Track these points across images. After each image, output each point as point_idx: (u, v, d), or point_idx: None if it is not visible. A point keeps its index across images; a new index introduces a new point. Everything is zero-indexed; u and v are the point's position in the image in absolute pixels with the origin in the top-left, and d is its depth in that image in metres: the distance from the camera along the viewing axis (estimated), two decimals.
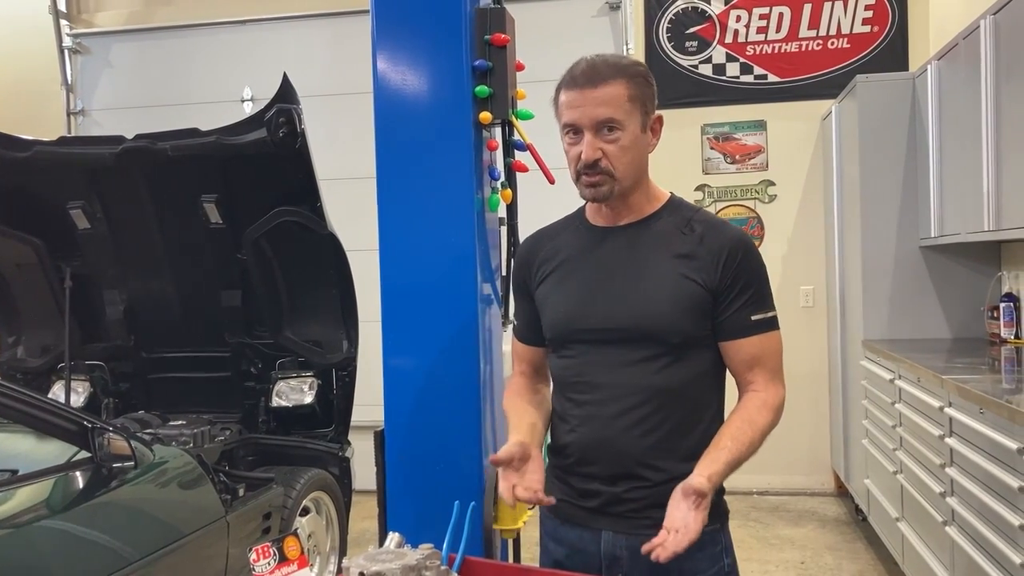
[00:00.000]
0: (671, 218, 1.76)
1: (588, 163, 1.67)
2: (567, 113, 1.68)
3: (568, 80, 1.69)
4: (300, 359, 3.89)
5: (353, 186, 4.49)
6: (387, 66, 2.36)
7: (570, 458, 1.74)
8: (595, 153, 1.66)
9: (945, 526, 3.08)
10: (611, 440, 1.69)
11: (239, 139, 3.54)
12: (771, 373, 1.73)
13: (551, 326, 1.78)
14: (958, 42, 3.72)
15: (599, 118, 1.65)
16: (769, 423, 1.69)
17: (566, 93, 1.69)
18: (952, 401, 3.03)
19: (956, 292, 4.36)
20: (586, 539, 1.74)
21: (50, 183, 3.77)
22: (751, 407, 1.70)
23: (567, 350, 1.76)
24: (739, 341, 1.71)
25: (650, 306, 1.68)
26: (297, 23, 5.96)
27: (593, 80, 1.65)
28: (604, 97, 1.64)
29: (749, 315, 1.70)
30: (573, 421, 1.74)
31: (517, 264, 1.92)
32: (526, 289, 1.86)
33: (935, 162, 4.09)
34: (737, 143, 5.65)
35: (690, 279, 1.68)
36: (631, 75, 1.68)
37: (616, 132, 1.66)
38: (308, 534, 3.61)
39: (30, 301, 4.10)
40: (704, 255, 1.70)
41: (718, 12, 5.63)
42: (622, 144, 1.67)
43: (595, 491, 1.70)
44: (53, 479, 2.52)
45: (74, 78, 6.26)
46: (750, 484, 5.55)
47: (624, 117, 1.66)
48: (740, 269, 1.70)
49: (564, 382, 1.78)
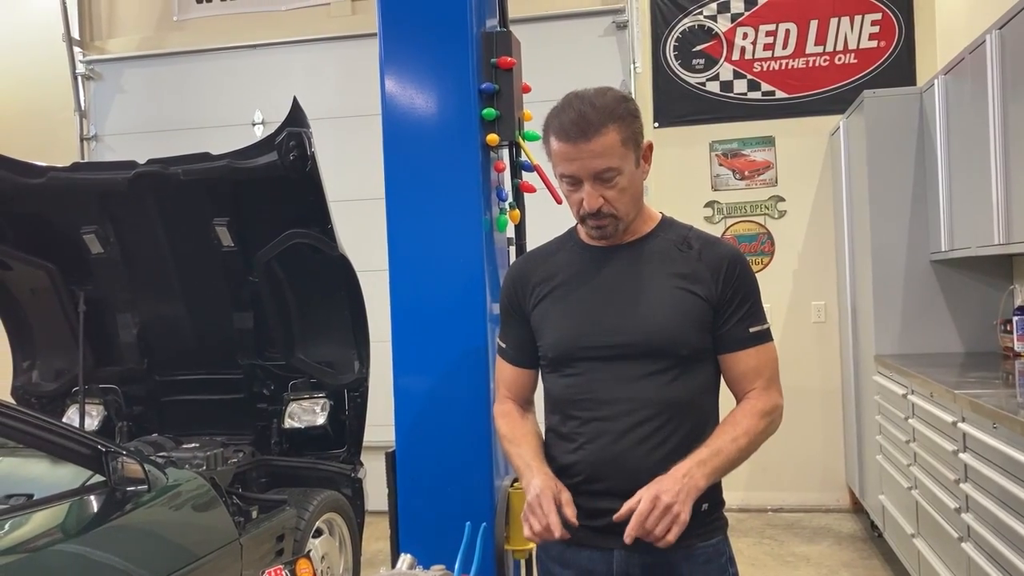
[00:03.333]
0: (667, 235, 1.80)
1: (591, 212, 1.70)
2: (563, 165, 1.70)
3: (559, 130, 1.68)
4: (312, 380, 3.90)
5: (363, 207, 4.51)
6: (395, 89, 2.39)
7: (577, 477, 1.73)
8: (597, 202, 1.69)
9: (961, 542, 3.06)
10: (622, 456, 1.70)
11: (250, 163, 3.56)
12: (768, 382, 1.78)
13: (554, 345, 1.79)
14: (964, 56, 3.72)
15: (596, 170, 1.67)
16: (761, 428, 1.73)
17: (558, 144, 1.69)
18: (965, 416, 3.01)
19: (968, 306, 4.34)
20: (596, 559, 1.74)
21: (64, 209, 3.81)
22: (739, 413, 1.75)
23: (571, 368, 1.76)
24: (738, 353, 1.76)
25: (658, 320, 1.71)
26: (306, 47, 6.01)
27: (586, 132, 1.64)
28: (599, 149, 1.65)
29: (747, 327, 1.75)
30: (579, 439, 1.74)
31: (507, 286, 1.91)
32: (520, 311, 1.86)
33: (944, 176, 4.08)
34: (746, 159, 5.66)
35: (692, 293, 1.73)
36: (620, 117, 1.67)
37: (615, 178, 1.68)
38: (321, 556, 3.61)
39: (44, 326, 4.12)
40: (704, 271, 1.74)
41: (725, 29, 5.65)
42: (621, 187, 1.70)
43: (606, 509, 1.69)
44: (68, 503, 2.53)
45: (87, 104, 6.33)
46: (764, 501, 5.52)
47: (620, 162, 1.68)
48: (739, 283, 1.75)
49: (567, 400, 1.77)
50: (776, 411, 1.77)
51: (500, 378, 1.94)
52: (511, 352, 1.91)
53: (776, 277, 5.58)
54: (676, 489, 1.56)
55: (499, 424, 1.89)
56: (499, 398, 1.94)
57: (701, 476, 1.61)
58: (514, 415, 1.88)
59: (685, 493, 1.57)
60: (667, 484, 1.58)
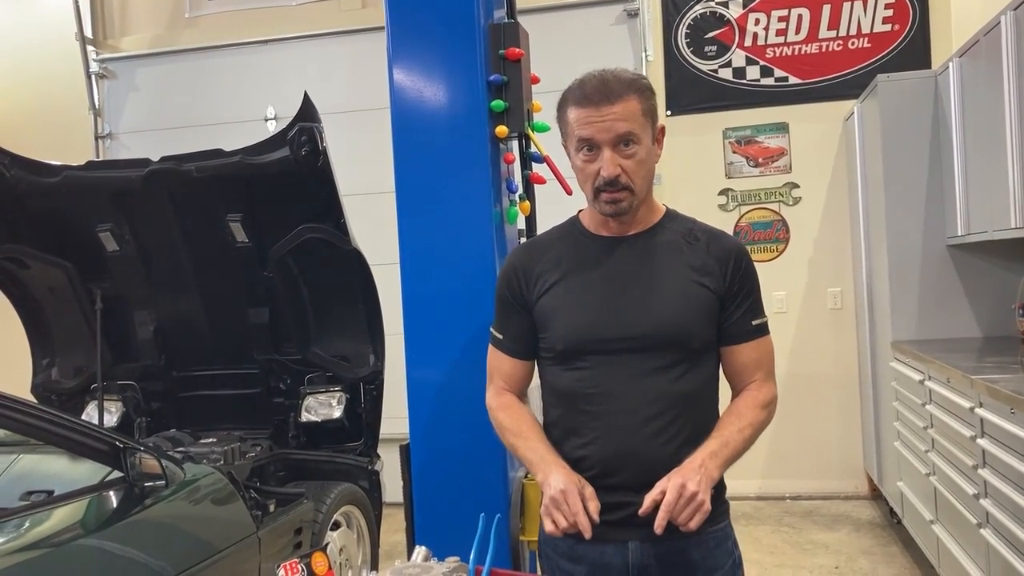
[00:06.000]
0: (674, 227, 1.81)
1: (609, 179, 1.68)
2: (583, 129, 1.68)
3: (580, 97, 1.69)
4: (328, 374, 3.91)
5: (375, 201, 4.53)
6: (403, 82, 2.39)
7: (589, 471, 1.71)
8: (615, 169, 1.68)
9: (980, 528, 3.04)
10: (636, 450, 1.70)
11: (263, 158, 3.57)
12: (767, 374, 1.82)
13: (563, 338, 1.76)
14: (979, 38, 3.68)
15: (619, 132, 1.67)
16: (762, 419, 1.77)
17: (578, 110, 1.69)
18: (983, 401, 2.99)
19: (985, 291, 4.30)
20: (609, 553, 1.74)
21: (79, 207, 3.83)
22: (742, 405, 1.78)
23: (581, 361, 1.75)
24: (741, 346, 1.78)
25: (671, 313, 1.71)
26: (317, 41, 6.02)
27: (609, 96, 1.66)
28: (622, 113, 1.66)
29: (750, 320, 1.78)
30: (590, 434, 1.73)
31: (506, 276, 1.86)
32: (521, 301, 1.83)
33: (960, 160, 4.05)
34: (759, 146, 5.63)
35: (703, 285, 1.74)
36: (641, 89, 1.70)
37: (633, 147, 1.68)
38: (340, 548, 3.62)
39: (62, 324, 4.15)
40: (713, 263, 1.75)
41: (736, 16, 5.61)
42: (639, 158, 1.70)
43: (620, 503, 1.69)
44: (88, 499, 2.56)
45: (101, 102, 6.37)
46: (782, 489, 5.50)
47: (640, 131, 1.69)
48: (744, 276, 1.77)
49: (576, 394, 1.76)
50: (774, 403, 1.81)
51: (495, 369, 1.91)
52: (508, 343, 1.88)
53: (791, 264, 5.55)
54: (698, 479, 1.58)
55: (500, 417, 1.86)
56: (495, 390, 1.91)
57: (715, 467, 1.63)
58: (515, 407, 1.86)
59: (705, 483, 1.59)
60: (688, 473, 1.60)
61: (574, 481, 1.65)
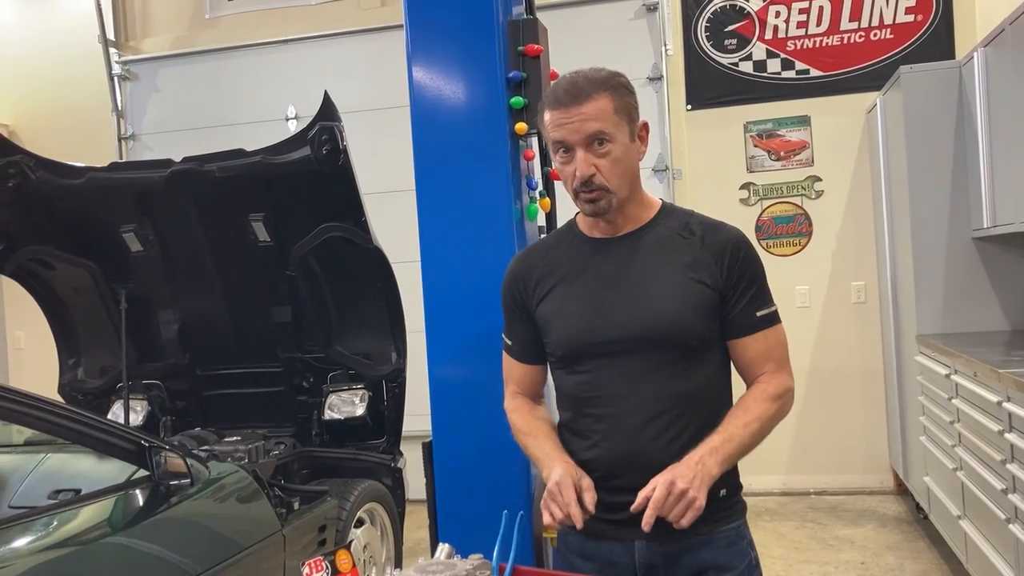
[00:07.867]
0: (668, 223, 1.78)
1: (583, 180, 1.68)
2: (556, 131, 1.70)
3: (552, 100, 1.70)
4: (351, 372, 3.93)
5: (396, 199, 4.53)
6: (422, 80, 2.39)
7: (595, 473, 1.71)
8: (589, 169, 1.68)
9: (1008, 524, 3.01)
10: (639, 451, 1.69)
11: (284, 158, 3.60)
12: (778, 365, 1.76)
13: (562, 343, 1.77)
14: (1005, 27, 3.64)
15: (588, 132, 1.67)
16: (772, 412, 1.72)
17: (551, 112, 1.70)
18: (1010, 395, 2.96)
19: (1012, 283, 4.25)
20: (618, 552, 1.74)
21: (103, 208, 3.87)
22: (749, 398, 1.73)
23: (581, 365, 1.75)
24: (746, 338, 1.74)
25: (664, 312, 1.70)
26: (337, 40, 6.04)
27: (577, 97, 1.66)
28: (591, 112, 1.66)
29: (754, 311, 1.73)
30: (594, 436, 1.74)
31: (508, 284, 1.88)
32: (524, 308, 1.85)
33: (985, 151, 4.00)
34: (781, 140, 5.59)
35: (697, 281, 1.71)
36: (613, 87, 1.69)
37: (607, 145, 1.68)
38: (363, 545, 3.64)
39: (88, 324, 4.20)
40: (707, 256, 1.72)
41: (757, 8, 5.58)
42: (614, 157, 1.69)
43: (626, 503, 1.67)
44: (114, 498, 2.58)
45: (124, 104, 6.43)
46: (807, 484, 5.47)
47: (612, 129, 1.68)
48: (744, 267, 1.73)
49: (579, 398, 1.77)
50: (788, 393, 1.75)
51: (509, 375, 1.94)
52: (518, 349, 1.90)
53: (815, 258, 5.51)
54: (691, 476, 1.57)
55: (513, 419, 1.89)
56: (510, 393, 1.93)
57: (714, 463, 1.61)
58: (525, 408, 1.89)
59: (700, 480, 1.57)
60: (681, 471, 1.58)
61: (571, 473, 1.66)
